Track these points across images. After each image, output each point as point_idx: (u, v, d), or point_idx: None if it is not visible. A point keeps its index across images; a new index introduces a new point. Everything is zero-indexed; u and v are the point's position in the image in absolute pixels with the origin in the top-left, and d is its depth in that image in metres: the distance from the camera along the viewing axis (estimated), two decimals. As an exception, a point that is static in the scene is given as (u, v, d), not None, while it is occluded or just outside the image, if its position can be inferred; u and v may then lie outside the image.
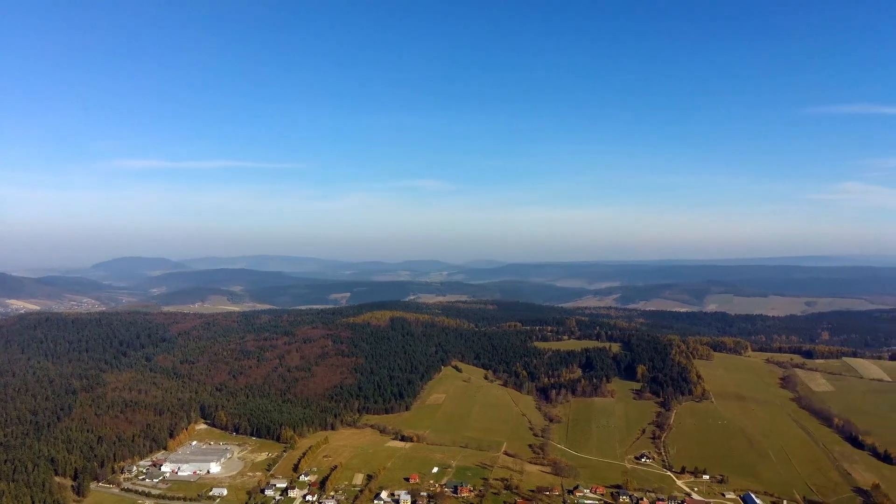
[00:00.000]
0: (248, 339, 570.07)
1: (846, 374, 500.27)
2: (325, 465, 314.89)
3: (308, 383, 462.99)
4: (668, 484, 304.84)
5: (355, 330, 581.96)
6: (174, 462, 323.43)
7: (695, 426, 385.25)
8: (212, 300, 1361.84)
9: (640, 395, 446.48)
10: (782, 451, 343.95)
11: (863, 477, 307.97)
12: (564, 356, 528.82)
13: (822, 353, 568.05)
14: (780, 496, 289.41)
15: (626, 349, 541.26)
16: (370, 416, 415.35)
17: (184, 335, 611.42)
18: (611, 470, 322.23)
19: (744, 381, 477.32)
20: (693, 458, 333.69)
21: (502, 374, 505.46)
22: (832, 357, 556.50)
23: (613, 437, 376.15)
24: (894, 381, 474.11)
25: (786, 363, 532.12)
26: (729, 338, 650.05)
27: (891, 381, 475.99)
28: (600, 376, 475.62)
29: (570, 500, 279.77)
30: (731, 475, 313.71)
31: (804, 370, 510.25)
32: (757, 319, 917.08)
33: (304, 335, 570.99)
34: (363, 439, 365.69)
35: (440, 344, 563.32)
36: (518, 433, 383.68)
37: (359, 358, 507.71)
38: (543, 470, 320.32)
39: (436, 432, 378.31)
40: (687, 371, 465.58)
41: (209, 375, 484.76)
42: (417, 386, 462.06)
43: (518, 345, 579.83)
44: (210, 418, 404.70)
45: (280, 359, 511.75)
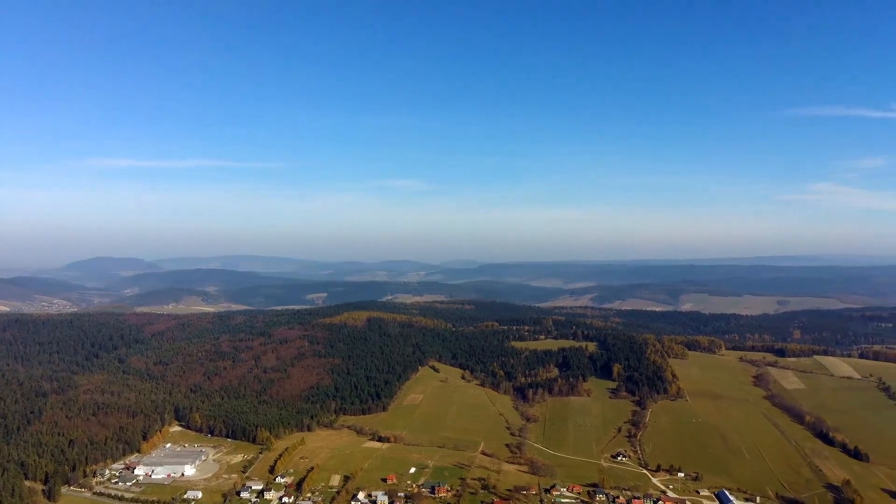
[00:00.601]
0: (223, 340, 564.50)
1: (817, 372, 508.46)
2: (302, 467, 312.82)
3: (284, 384, 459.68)
4: (643, 482, 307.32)
5: (332, 330, 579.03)
6: (148, 465, 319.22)
7: (670, 424, 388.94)
8: (186, 301, 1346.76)
9: (616, 394, 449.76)
10: (755, 448, 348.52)
11: (833, 473, 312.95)
12: (541, 356, 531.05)
13: (793, 352, 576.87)
14: (754, 493, 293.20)
15: (602, 348, 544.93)
16: (347, 416, 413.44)
17: (157, 336, 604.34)
18: (587, 468, 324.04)
19: (718, 380, 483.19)
20: (668, 456, 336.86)
21: (479, 374, 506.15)
22: (804, 355, 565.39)
23: (590, 436, 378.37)
24: (864, 378, 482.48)
25: (759, 361, 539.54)
26: (703, 337, 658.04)
27: (860, 378, 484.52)
28: (577, 375, 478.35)
29: (547, 499, 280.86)
30: (705, 472, 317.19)
31: (777, 368, 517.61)
32: (731, 318, 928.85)
33: (280, 336, 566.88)
34: (340, 440, 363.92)
35: (417, 344, 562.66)
36: (495, 433, 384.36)
37: (335, 358, 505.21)
38: (520, 469, 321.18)
39: (413, 433, 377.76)
40: (662, 370, 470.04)
41: (183, 377, 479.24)
42: (394, 386, 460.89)
43: (495, 345, 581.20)
44: (184, 420, 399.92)
45: (256, 360, 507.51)
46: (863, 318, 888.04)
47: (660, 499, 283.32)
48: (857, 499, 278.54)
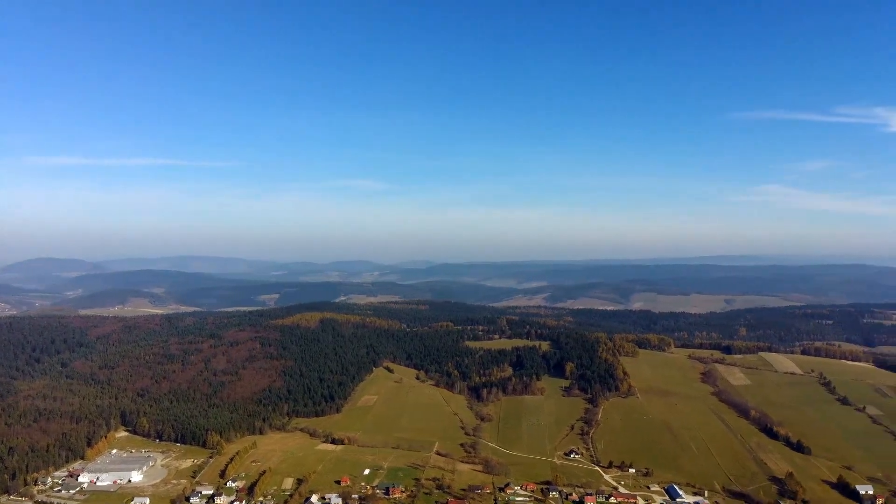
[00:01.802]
0: (171, 343, 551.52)
1: (762, 368, 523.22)
2: (254, 471, 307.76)
3: (235, 387, 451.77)
4: (595, 478, 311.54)
5: (284, 332, 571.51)
6: (92, 472, 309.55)
7: (621, 421, 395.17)
8: (133, 303, 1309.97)
9: (568, 392, 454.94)
10: (703, 443, 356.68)
11: (777, 466, 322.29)
12: (495, 355, 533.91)
13: (739, 349, 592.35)
14: (702, 487, 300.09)
15: (555, 347, 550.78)
16: (300, 419, 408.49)
17: (103, 339, 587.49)
18: (541, 466, 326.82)
19: (667, 377, 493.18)
20: (620, 453, 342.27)
21: (434, 374, 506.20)
22: (749, 352, 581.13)
23: (543, 434, 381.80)
24: (806, 374, 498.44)
25: (706, 358, 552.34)
26: (653, 335, 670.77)
27: (802, 374, 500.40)
28: (530, 374, 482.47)
29: (502, 497, 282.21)
30: (655, 468, 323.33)
31: (723, 365, 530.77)
32: (679, 317, 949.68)
33: (231, 338, 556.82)
34: (293, 443, 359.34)
35: (371, 345, 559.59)
36: (450, 433, 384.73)
37: (288, 360, 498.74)
38: (475, 468, 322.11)
39: (367, 434, 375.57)
40: (613, 368, 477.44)
41: (130, 381, 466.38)
42: (348, 388, 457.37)
43: (450, 344, 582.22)
44: (131, 425, 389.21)
45: (206, 362, 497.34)
46: (805, 316, 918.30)
47: (611, 495, 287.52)
48: (799, 490, 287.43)
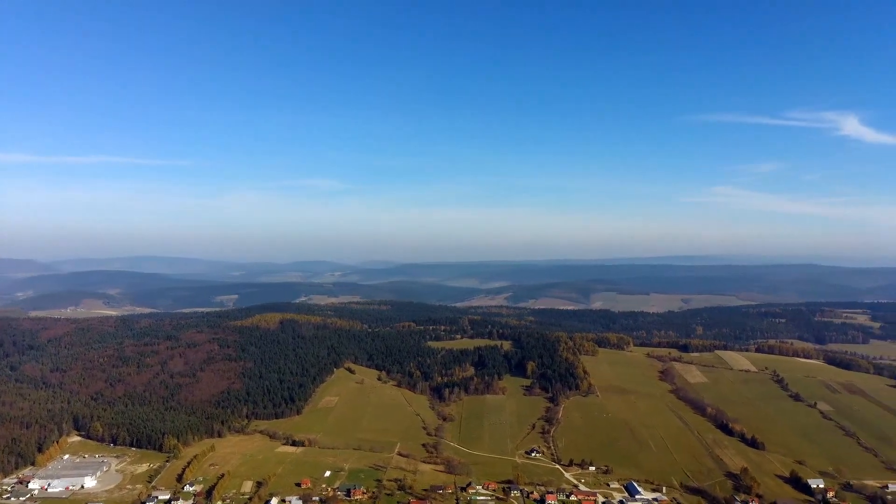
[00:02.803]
0: (126, 345, 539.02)
1: (718, 366, 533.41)
2: (212, 474, 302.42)
3: (193, 389, 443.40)
4: (556, 477, 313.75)
5: (243, 333, 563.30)
6: (43, 478, 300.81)
7: (581, 420, 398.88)
8: (86, 304, 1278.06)
9: (530, 391, 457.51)
10: (661, 440, 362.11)
11: (733, 462, 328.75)
12: (457, 355, 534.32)
13: (696, 347, 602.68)
14: (660, 483, 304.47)
15: (516, 347, 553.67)
16: (260, 421, 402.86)
17: (54, 342, 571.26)
18: (502, 465, 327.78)
19: (626, 375, 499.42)
20: (580, 451, 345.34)
21: (396, 375, 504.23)
22: (706, 350, 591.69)
23: (505, 434, 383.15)
24: (760, 371, 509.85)
25: (664, 357, 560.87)
26: (613, 334, 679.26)
27: (757, 371, 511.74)
28: (492, 374, 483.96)
29: (464, 497, 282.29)
30: (615, 465, 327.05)
31: (681, 363, 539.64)
32: (638, 316, 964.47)
33: (189, 339, 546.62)
34: (252, 446, 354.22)
35: (332, 346, 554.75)
36: (412, 433, 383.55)
37: (247, 362, 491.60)
38: (437, 469, 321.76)
39: (328, 435, 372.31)
40: (574, 367, 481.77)
41: (83, 384, 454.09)
42: (309, 389, 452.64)
43: (412, 345, 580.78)
44: (85, 430, 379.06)
45: (162, 365, 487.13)
46: (759, 314, 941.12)
47: (572, 493, 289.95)
48: (753, 485, 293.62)
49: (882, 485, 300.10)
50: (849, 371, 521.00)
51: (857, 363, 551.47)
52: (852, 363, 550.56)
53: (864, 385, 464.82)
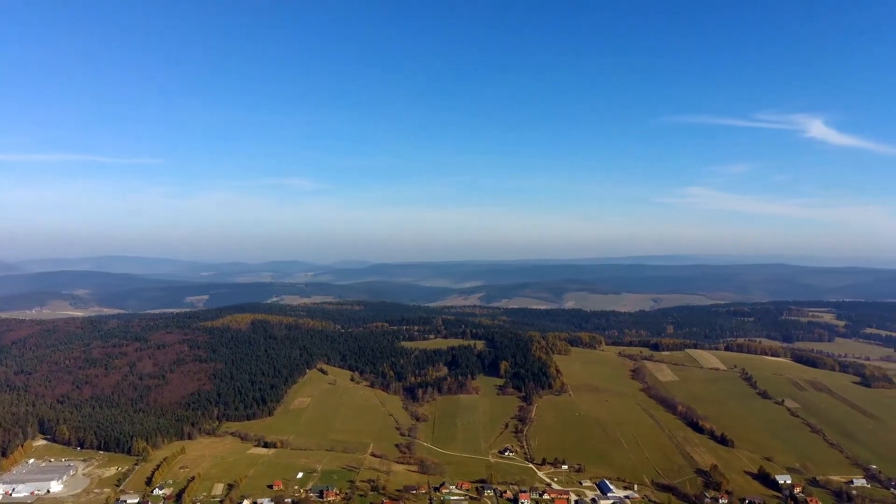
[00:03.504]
0: (94, 347, 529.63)
1: (688, 364, 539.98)
2: (182, 477, 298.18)
3: (162, 391, 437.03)
4: (529, 475, 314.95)
5: (214, 334, 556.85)
6: (8, 483, 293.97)
7: (554, 418, 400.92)
8: (52, 305, 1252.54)
9: (503, 391, 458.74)
10: (633, 438, 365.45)
11: (703, 459, 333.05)
12: (431, 355, 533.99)
13: (667, 346, 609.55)
14: (632, 481, 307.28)
15: (490, 346, 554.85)
16: (231, 423, 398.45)
17: (19, 344, 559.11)
18: (476, 465, 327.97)
19: (599, 374, 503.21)
20: (553, 450, 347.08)
21: (369, 375, 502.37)
22: (676, 349, 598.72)
23: (478, 433, 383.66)
24: (729, 370, 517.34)
25: (636, 356, 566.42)
26: (585, 333, 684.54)
27: (726, 369, 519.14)
28: (466, 374, 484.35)
29: (437, 497, 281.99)
30: (587, 463, 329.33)
31: (652, 362, 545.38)
32: (610, 315, 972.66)
33: (158, 341, 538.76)
34: (223, 448, 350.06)
35: (305, 346, 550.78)
36: (385, 433, 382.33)
37: (218, 363, 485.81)
38: (410, 469, 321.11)
39: (300, 437, 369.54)
40: (547, 366, 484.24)
41: (49, 387, 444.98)
42: (281, 390, 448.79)
43: (385, 345, 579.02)
44: (50, 433, 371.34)
45: (131, 366, 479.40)
46: (728, 314, 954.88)
47: (545, 491, 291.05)
48: (723, 482, 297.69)
49: (847, 480, 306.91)
50: (815, 369, 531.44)
51: (822, 361, 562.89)
52: (818, 361, 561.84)
53: (829, 382, 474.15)
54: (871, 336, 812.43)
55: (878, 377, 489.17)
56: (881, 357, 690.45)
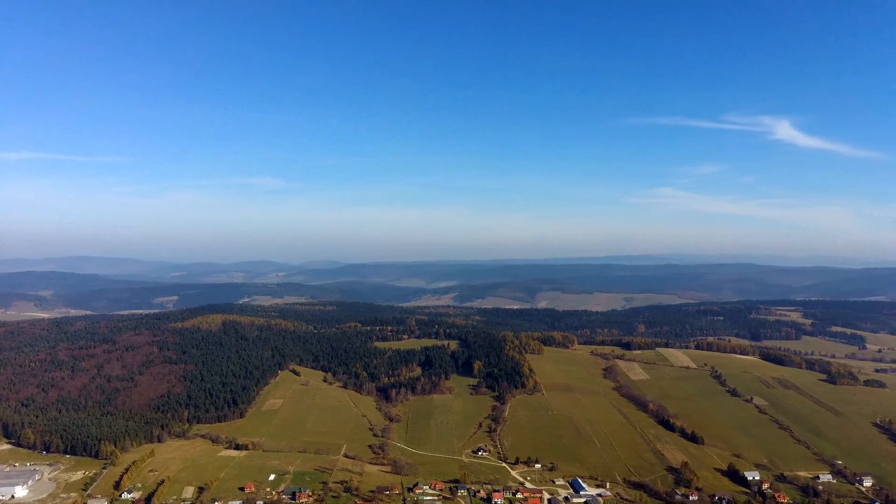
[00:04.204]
0: (60, 349, 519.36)
1: (659, 363, 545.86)
2: (151, 480, 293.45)
3: (131, 394, 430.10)
4: (503, 475, 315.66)
5: (184, 335, 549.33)
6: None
7: (527, 418, 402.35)
8: (17, 306, 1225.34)
9: (476, 391, 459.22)
10: (605, 436, 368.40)
11: (674, 456, 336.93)
12: (404, 355, 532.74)
13: (638, 345, 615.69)
14: (604, 479, 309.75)
15: (463, 346, 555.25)
16: (201, 425, 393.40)
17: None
18: (449, 465, 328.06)
19: (571, 373, 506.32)
20: (526, 449, 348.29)
21: (342, 376, 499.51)
22: (647, 348, 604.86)
23: (452, 433, 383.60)
24: (699, 368, 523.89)
25: (608, 355, 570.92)
26: (558, 332, 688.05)
27: (696, 368, 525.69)
28: (439, 374, 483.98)
29: (410, 497, 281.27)
30: (560, 462, 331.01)
31: (624, 361, 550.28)
32: (582, 315, 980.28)
33: (126, 342, 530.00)
34: (193, 450, 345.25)
35: (277, 347, 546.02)
36: (358, 434, 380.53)
37: (188, 365, 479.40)
38: (383, 470, 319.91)
39: (272, 438, 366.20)
40: (520, 365, 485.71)
41: (13, 390, 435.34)
42: (253, 392, 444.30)
43: (358, 345, 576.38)
44: (15, 437, 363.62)
45: (98, 368, 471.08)
46: (698, 312, 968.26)
47: (518, 490, 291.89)
48: (693, 479, 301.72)
49: (813, 475, 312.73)
50: (782, 366, 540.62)
51: (790, 359, 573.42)
52: (785, 359, 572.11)
53: (796, 380, 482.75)
54: (836, 334, 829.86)
55: (844, 374, 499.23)
56: (846, 354, 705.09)
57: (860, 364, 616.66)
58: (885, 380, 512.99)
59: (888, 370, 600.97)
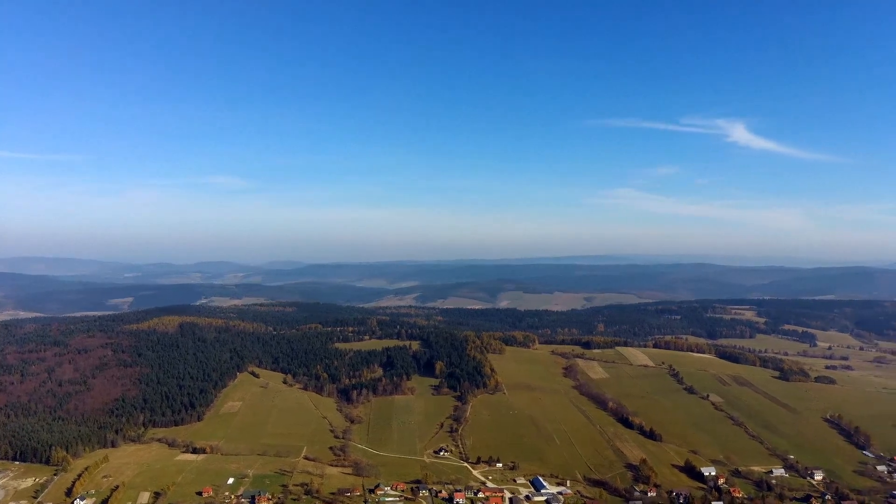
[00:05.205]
0: (8, 352, 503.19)
1: (618, 361, 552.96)
2: (105, 486, 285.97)
3: (84, 398, 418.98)
4: (464, 475, 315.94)
5: (139, 337, 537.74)
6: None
7: (489, 417, 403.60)
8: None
9: (438, 391, 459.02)
10: (566, 435, 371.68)
11: (633, 453, 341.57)
12: (366, 356, 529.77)
13: (598, 344, 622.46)
14: (565, 477, 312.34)
15: (425, 347, 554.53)
16: (158, 429, 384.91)
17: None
18: (411, 466, 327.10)
19: (532, 372, 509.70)
20: (488, 448, 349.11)
21: (302, 378, 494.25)
22: (607, 347, 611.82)
23: (413, 434, 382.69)
24: (657, 366, 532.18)
25: (568, 354, 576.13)
26: (519, 332, 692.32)
27: (654, 366, 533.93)
28: (401, 374, 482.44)
29: (372, 499, 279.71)
30: (521, 461, 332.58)
31: (584, 360, 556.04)
32: (543, 314, 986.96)
33: (79, 345, 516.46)
34: (149, 455, 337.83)
35: (235, 349, 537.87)
36: (319, 436, 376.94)
37: (144, 367, 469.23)
38: (344, 471, 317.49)
39: (231, 441, 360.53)
40: (482, 365, 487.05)
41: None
42: (211, 394, 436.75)
43: (318, 347, 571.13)
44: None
45: (49, 372, 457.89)
46: (656, 312, 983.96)
47: (480, 490, 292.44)
48: (651, 475, 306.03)
49: (767, 470, 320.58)
50: (737, 364, 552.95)
51: (744, 356, 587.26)
52: (740, 356, 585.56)
53: (750, 377, 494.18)
54: (788, 332, 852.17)
55: (796, 371, 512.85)
56: (798, 352, 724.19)
57: (811, 361, 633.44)
58: (834, 376, 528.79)
59: (837, 367, 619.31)
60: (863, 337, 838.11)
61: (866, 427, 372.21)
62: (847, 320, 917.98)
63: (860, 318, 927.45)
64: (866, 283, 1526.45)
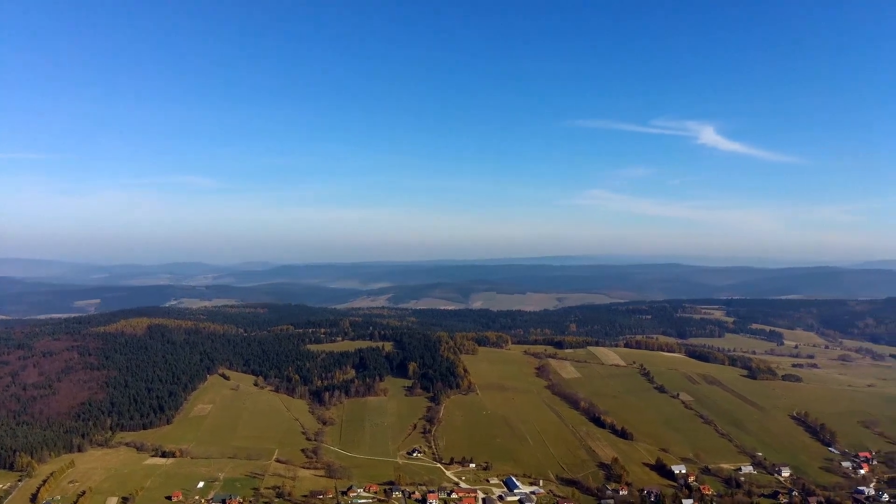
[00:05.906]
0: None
1: (590, 361, 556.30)
2: (72, 492, 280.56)
3: (49, 402, 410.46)
4: (437, 475, 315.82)
5: (107, 340, 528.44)
6: None
7: (462, 418, 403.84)
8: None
9: (411, 392, 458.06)
10: (538, 434, 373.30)
11: (604, 452, 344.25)
12: (338, 357, 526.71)
13: (570, 344, 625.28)
14: (538, 476, 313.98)
15: (398, 347, 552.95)
16: (126, 433, 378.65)
17: None
18: (384, 467, 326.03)
19: (505, 373, 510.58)
20: (461, 449, 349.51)
21: (274, 380, 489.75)
22: (579, 346, 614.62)
23: (386, 435, 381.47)
24: (628, 366, 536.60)
25: (540, 354, 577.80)
26: (492, 332, 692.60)
27: (625, 366, 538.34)
28: (374, 375, 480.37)
29: (344, 501, 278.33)
30: (494, 461, 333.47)
31: (556, 360, 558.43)
32: (516, 315, 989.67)
33: (44, 348, 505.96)
34: (117, 459, 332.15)
35: (206, 351, 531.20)
36: (290, 439, 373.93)
37: (111, 370, 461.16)
38: (317, 474, 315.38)
39: (201, 445, 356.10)
40: (455, 366, 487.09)
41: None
42: (180, 397, 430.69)
43: (290, 348, 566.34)
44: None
45: (13, 376, 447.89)
46: (627, 312, 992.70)
47: (453, 490, 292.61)
48: (623, 474, 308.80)
49: (736, 467, 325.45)
50: (707, 363, 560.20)
51: (714, 356, 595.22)
52: (710, 356, 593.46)
53: (720, 376, 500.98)
54: (756, 331, 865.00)
55: (763, 370, 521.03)
56: (766, 351, 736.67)
57: (778, 360, 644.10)
58: (800, 374, 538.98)
59: (804, 365, 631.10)
60: (828, 336, 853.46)
61: (832, 424, 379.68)
62: (813, 319, 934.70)
63: (826, 317, 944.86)
64: (832, 283, 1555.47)
